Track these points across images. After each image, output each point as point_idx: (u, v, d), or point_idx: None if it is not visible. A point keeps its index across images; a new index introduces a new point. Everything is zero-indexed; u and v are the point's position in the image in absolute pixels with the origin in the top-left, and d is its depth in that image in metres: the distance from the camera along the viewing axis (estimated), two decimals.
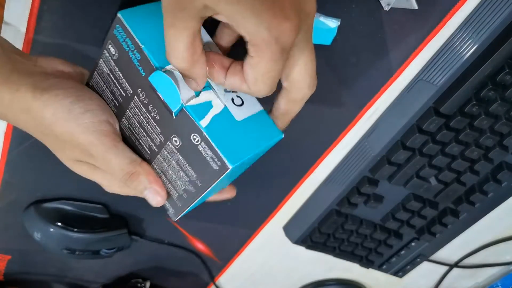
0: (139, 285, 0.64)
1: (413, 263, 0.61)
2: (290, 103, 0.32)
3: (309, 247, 0.58)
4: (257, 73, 0.28)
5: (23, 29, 0.39)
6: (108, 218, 0.55)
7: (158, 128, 0.34)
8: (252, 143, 0.33)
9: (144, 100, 0.33)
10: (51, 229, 0.52)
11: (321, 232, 0.55)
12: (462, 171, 0.48)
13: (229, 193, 0.40)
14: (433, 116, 0.43)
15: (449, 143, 0.45)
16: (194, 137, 0.32)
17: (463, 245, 0.62)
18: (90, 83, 0.36)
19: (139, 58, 0.32)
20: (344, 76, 0.43)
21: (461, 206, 0.51)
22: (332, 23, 0.35)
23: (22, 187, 0.52)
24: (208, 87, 0.32)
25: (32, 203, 0.53)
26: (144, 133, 0.35)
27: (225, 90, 0.33)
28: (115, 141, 0.34)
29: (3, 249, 0.60)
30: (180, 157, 0.34)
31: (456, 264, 0.64)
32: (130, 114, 0.35)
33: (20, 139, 0.47)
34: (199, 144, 0.32)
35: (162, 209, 0.56)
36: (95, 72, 0.35)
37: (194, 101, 0.31)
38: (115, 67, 0.33)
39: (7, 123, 0.45)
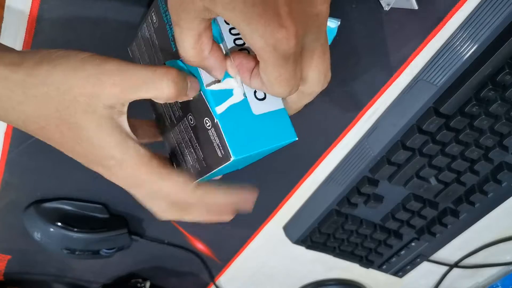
0: (139, 285, 0.64)
1: (413, 263, 0.61)
2: (300, 95, 0.32)
3: (309, 247, 0.58)
4: (268, 77, 0.28)
5: (23, 29, 0.39)
6: (108, 218, 0.55)
7: (178, 103, 0.34)
8: (263, 139, 0.33)
9: None
10: (51, 229, 0.52)
11: (321, 232, 0.55)
12: (462, 171, 0.48)
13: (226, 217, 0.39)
14: (433, 116, 0.43)
15: (449, 143, 0.45)
16: (206, 121, 0.32)
17: (463, 245, 0.62)
18: (132, 47, 0.38)
19: (173, 33, 0.32)
20: (344, 76, 0.43)
21: (461, 206, 0.51)
22: (332, 23, 0.35)
23: (22, 187, 0.52)
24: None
25: (32, 203, 0.53)
26: (167, 102, 0.36)
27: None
28: None
29: (3, 249, 0.60)
30: (192, 135, 0.34)
31: (456, 264, 0.64)
32: None
33: (20, 139, 0.47)
34: (210, 129, 0.32)
35: None
36: (139, 33, 0.36)
37: (216, 86, 0.31)
38: (154, 35, 0.34)
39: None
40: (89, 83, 0.29)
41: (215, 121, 0.31)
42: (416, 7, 0.38)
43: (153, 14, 0.34)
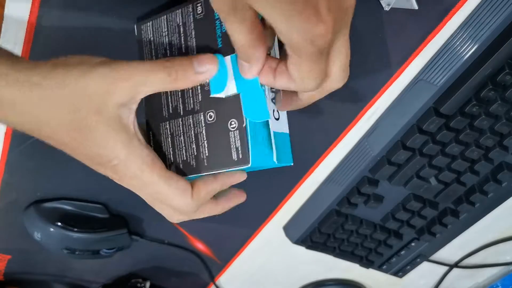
0: (139, 285, 0.64)
1: (413, 263, 0.61)
2: (320, 91, 0.32)
3: (309, 247, 0.58)
4: (301, 72, 0.28)
5: (23, 29, 0.39)
6: (108, 218, 0.55)
7: (200, 96, 0.34)
8: (273, 155, 0.34)
9: None
10: (51, 229, 0.52)
11: (321, 232, 0.55)
12: (462, 171, 0.48)
13: (239, 198, 0.40)
14: (433, 116, 0.43)
15: (449, 143, 0.45)
16: (232, 122, 0.32)
17: (463, 245, 0.62)
18: (144, 26, 0.37)
19: (224, 31, 0.32)
20: None
21: (461, 206, 0.51)
22: None
23: (22, 187, 0.52)
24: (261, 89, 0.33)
25: (32, 203, 0.53)
26: (180, 92, 0.35)
27: (271, 100, 0.34)
28: None
29: (3, 249, 0.60)
30: (204, 132, 0.34)
31: (456, 264, 0.64)
32: None
33: (20, 139, 0.47)
34: (233, 131, 0.32)
35: None
36: (166, 15, 0.36)
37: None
38: (192, 25, 0.34)
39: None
40: (104, 82, 0.30)
41: (244, 124, 0.32)
42: (416, 7, 0.38)
43: (198, 6, 0.33)
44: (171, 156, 0.36)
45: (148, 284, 0.65)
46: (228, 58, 0.32)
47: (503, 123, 0.43)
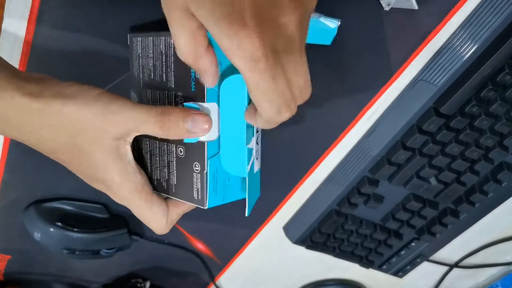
0: (139, 285, 0.64)
1: (413, 263, 0.61)
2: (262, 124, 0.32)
3: (309, 247, 0.58)
4: (253, 91, 0.28)
5: (23, 29, 0.39)
6: (108, 218, 0.55)
7: None
8: (231, 195, 0.36)
9: (180, 103, 0.34)
10: (51, 229, 0.52)
11: (321, 232, 0.55)
12: (462, 171, 0.48)
13: None
14: (433, 116, 0.43)
15: (449, 143, 0.45)
16: (196, 165, 0.34)
17: (463, 245, 0.62)
18: (135, 39, 0.37)
19: (198, 76, 0.32)
20: (344, 76, 0.43)
21: (461, 206, 0.51)
22: (332, 24, 0.35)
23: (22, 187, 0.52)
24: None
25: (32, 203, 0.53)
26: None
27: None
28: None
29: (3, 249, 0.60)
30: (174, 163, 0.35)
31: (456, 264, 0.64)
32: (157, 97, 0.36)
33: None
34: (196, 172, 0.34)
35: None
36: (153, 37, 0.36)
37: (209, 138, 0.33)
38: (172, 58, 0.34)
39: None
40: (97, 119, 0.32)
41: (205, 171, 0.33)
42: (416, 7, 0.38)
43: None
44: (149, 170, 0.38)
45: (148, 284, 0.65)
46: (207, 105, 0.33)
47: (503, 123, 0.43)
